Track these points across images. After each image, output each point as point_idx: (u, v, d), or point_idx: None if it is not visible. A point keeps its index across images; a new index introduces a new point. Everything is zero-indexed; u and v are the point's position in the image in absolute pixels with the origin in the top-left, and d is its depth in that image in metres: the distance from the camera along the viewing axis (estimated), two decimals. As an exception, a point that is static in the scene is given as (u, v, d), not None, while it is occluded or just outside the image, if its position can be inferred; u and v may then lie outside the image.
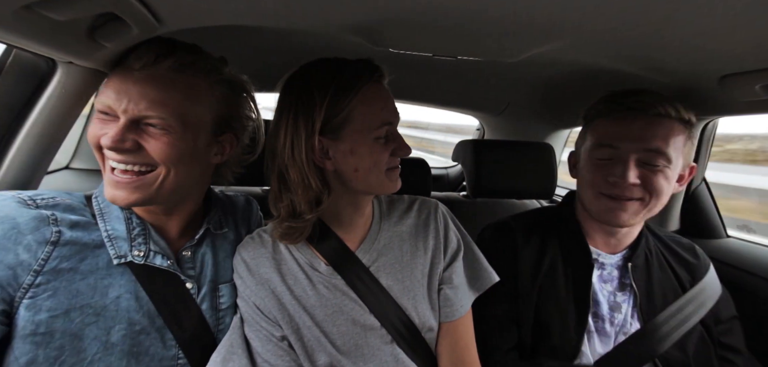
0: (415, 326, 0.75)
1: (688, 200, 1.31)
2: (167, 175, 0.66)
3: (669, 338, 0.82)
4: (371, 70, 0.70)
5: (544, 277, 0.88)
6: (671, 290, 0.87)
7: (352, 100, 0.67)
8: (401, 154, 0.73)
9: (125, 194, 0.64)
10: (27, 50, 0.64)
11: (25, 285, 0.58)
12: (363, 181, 0.70)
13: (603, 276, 0.88)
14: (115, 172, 0.64)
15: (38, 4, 0.51)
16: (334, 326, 0.72)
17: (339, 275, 0.74)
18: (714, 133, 1.26)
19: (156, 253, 0.69)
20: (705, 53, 0.76)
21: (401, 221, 0.82)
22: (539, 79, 1.24)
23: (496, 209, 1.51)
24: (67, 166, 1.30)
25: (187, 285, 0.71)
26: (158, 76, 0.64)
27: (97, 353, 0.62)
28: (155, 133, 0.64)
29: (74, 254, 0.63)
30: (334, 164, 0.69)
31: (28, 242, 0.59)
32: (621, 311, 0.85)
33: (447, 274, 0.80)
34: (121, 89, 0.63)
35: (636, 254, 0.88)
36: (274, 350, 0.70)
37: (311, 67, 0.70)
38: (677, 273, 0.90)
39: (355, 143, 0.68)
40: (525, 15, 0.67)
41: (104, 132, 0.63)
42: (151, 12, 0.62)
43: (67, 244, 0.62)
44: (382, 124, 0.69)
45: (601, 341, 0.85)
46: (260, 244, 0.76)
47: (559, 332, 0.83)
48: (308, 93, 0.66)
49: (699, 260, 0.93)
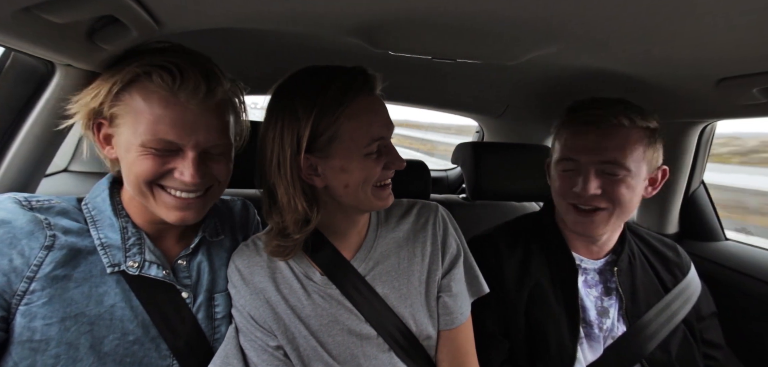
0: (413, 335, 0.74)
1: (687, 203, 1.31)
2: (220, 190, 0.72)
3: (655, 337, 0.83)
4: (361, 81, 0.66)
5: (532, 286, 0.88)
6: (654, 291, 0.88)
7: (339, 117, 0.63)
8: (394, 168, 0.70)
9: (195, 214, 0.68)
10: (26, 53, 0.64)
11: (20, 292, 0.58)
12: (353, 197, 0.68)
13: (588, 282, 0.89)
14: (179, 196, 0.65)
15: (37, 6, 0.51)
16: (330, 336, 0.71)
17: (334, 284, 0.73)
18: (712, 137, 1.27)
19: (151, 263, 0.68)
20: (702, 57, 0.76)
21: (399, 225, 0.81)
22: (538, 81, 1.24)
23: (496, 211, 1.51)
24: (65, 169, 1.29)
25: (183, 294, 0.71)
26: (214, 104, 0.65)
27: (92, 363, 0.61)
28: (218, 157, 0.68)
29: (68, 261, 0.62)
30: (324, 180, 0.67)
31: (21, 247, 0.59)
32: (609, 315, 0.86)
33: (446, 281, 0.79)
34: (184, 123, 0.62)
35: (620, 258, 0.88)
36: (269, 360, 0.69)
37: (298, 79, 0.67)
38: (659, 274, 0.91)
39: (344, 160, 0.65)
40: (524, 18, 0.67)
41: (170, 166, 0.63)
42: (150, 15, 0.62)
43: (62, 249, 0.62)
44: (372, 140, 0.66)
45: (591, 346, 0.85)
46: (255, 252, 0.75)
47: (555, 340, 0.83)
48: (293, 108, 0.64)
49: (680, 258, 0.94)
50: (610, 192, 0.80)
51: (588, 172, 0.80)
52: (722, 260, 1.21)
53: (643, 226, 1.38)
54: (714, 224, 1.31)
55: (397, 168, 0.70)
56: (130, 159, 0.63)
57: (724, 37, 0.66)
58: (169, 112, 0.61)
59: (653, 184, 0.86)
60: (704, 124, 1.20)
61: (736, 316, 1.16)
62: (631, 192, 0.80)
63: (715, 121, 1.20)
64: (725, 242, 1.30)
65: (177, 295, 0.70)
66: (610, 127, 0.79)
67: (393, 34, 0.79)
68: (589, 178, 0.80)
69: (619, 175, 0.79)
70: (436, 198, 1.53)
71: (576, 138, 0.83)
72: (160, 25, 0.66)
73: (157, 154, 0.62)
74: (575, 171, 0.83)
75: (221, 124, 0.67)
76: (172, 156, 0.63)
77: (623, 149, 0.78)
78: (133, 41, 0.66)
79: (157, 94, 0.61)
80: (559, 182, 0.87)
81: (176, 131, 0.61)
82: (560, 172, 0.87)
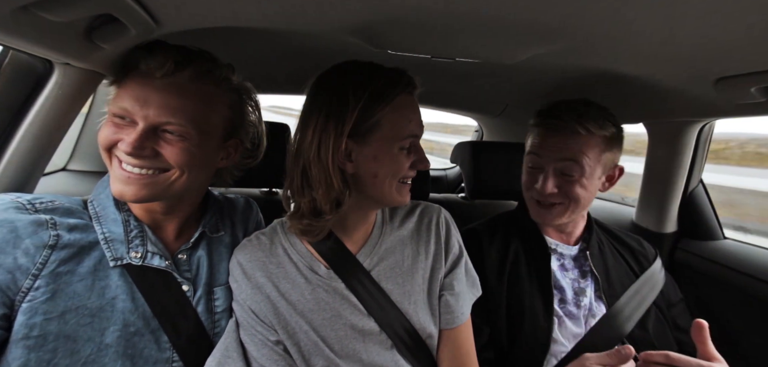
0: (417, 332, 0.75)
1: (685, 202, 1.31)
2: (179, 178, 0.67)
3: (632, 318, 0.91)
4: (406, 81, 0.70)
5: (510, 272, 0.95)
6: (625, 275, 0.97)
7: (384, 108, 0.67)
8: (420, 167, 0.73)
9: (134, 190, 0.65)
10: (24, 51, 0.64)
11: (24, 289, 0.58)
12: (378, 188, 0.70)
13: (564, 266, 0.97)
14: (125, 169, 0.65)
15: (35, 5, 0.51)
16: (332, 330, 0.71)
17: (339, 278, 0.74)
18: (710, 136, 1.27)
19: (153, 254, 0.69)
20: (701, 56, 0.76)
21: (403, 224, 0.82)
22: (537, 81, 1.24)
23: (495, 210, 1.51)
24: (64, 167, 1.29)
25: (183, 287, 0.71)
26: (178, 84, 0.65)
27: (90, 354, 0.62)
28: (172, 139, 0.65)
29: (72, 257, 0.63)
30: (355, 168, 0.69)
31: (26, 246, 0.59)
32: (586, 295, 0.93)
33: (448, 280, 0.80)
34: (141, 95, 0.63)
35: (591, 243, 0.98)
36: (269, 355, 0.70)
37: (346, 70, 0.71)
38: (628, 261, 1.01)
39: (379, 150, 0.68)
40: (523, 18, 0.67)
41: (119, 137, 0.64)
42: (148, 13, 0.62)
43: (65, 247, 0.62)
44: (409, 135, 0.70)
45: (573, 323, 0.90)
46: (257, 247, 0.76)
47: (530, 321, 0.89)
48: (342, 95, 0.67)
49: (645, 249, 1.04)
50: (566, 190, 0.91)
51: (547, 171, 0.92)
52: (721, 258, 1.21)
53: (642, 225, 1.39)
54: (713, 223, 1.31)
55: (421, 168, 0.73)
56: (101, 128, 0.67)
57: (722, 37, 0.66)
58: (135, 85, 0.65)
59: (610, 180, 0.97)
60: (703, 123, 1.20)
61: (734, 314, 1.16)
62: (585, 190, 0.91)
63: (713, 120, 1.21)
64: (724, 240, 1.30)
65: (178, 288, 0.70)
66: (569, 133, 0.90)
67: (392, 33, 0.79)
68: (547, 177, 0.91)
69: (574, 176, 0.90)
70: (434, 197, 1.53)
71: (541, 138, 0.94)
72: (159, 24, 0.66)
73: (116, 123, 0.65)
74: (538, 169, 0.95)
75: (181, 104, 0.65)
76: (127, 127, 0.64)
77: (579, 154, 0.89)
78: (131, 40, 0.66)
79: (137, 71, 0.66)
80: (525, 177, 1.00)
81: (131, 102, 0.63)
82: (527, 167, 0.99)
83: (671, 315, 0.97)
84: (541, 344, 0.87)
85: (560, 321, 0.90)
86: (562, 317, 0.90)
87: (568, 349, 0.87)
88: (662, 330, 0.93)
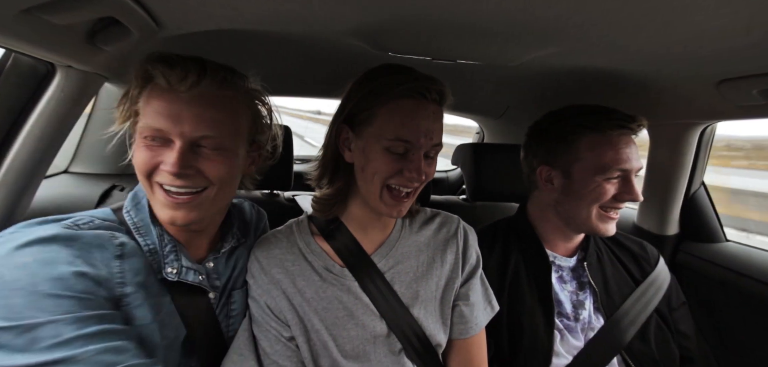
0: (427, 338, 0.74)
1: (687, 204, 1.31)
2: (217, 193, 0.66)
3: (632, 327, 0.88)
4: (418, 87, 0.68)
5: (510, 284, 0.93)
6: (625, 283, 0.95)
7: (376, 106, 0.69)
8: (408, 176, 0.69)
9: (184, 214, 0.63)
10: (26, 54, 0.64)
11: (118, 295, 0.57)
12: (366, 185, 0.72)
13: (563, 278, 0.95)
14: (171, 194, 0.63)
15: (38, 8, 0.51)
16: (344, 330, 0.72)
17: (353, 276, 0.74)
18: (712, 138, 1.27)
19: (188, 269, 0.67)
20: (703, 58, 0.76)
21: (421, 231, 0.82)
22: (538, 82, 1.24)
23: (496, 212, 1.51)
24: (65, 170, 1.29)
25: (210, 295, 0.71)
26: (205, 94, 0.63)
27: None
28: (209, 154, 0.63)
29: (142, 270, 0.62)
30: (352, 157, 0.74)
31: (104, 258, 0.58)
32: (585, 307, 0.91)
33: (464, 290, 0.80)
34: (172, 112, 0.60)
35: (588, 253, 0.96)
36: (282, 351, 0.70)
37: (371, 70, 0.74)
38: (628, 268, 0.98)
39: (367, 144, 0.70)
40: (524, 19, 0.67)
41: (159, 159, 0.61)
42: (151, 16, 0.63)
43: (132, 255, 0.61)
44: (395, 137, 0.68)
45: (572, 339, 0.89)
46: (275, 244, 0.77)
47: (530, 334, 0.87)
48: (352, 88, 0.74)
49: (647, 253, 1.01)
50: None
51: None
52: (723, 261, 1.20)
53: (643, 227, 1.39)
54: (715, 225, 1.31)
55: (411, 180, 0.69)
56: (134, 152, 0.64)
57: (724, 39, 0.66)
58: (162, 102, 0.61)
59: None
60: (704, 125, 1.20)
61: (735, 317, 1.16)
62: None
63: (715, 123, 1.20)
64: (726, 243, 1.30)
65: (205, 296, 0.70)
66: None
67: (393, 36, 0.79)
68: None
69: None
70: (436, 200, 1.53)
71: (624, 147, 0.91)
72: (161, 27, 0.66)
73: (150, 146, 0.62)
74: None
75: (214, 115, 0.63)
76: (163, 147, 0.62)
77: None
78: (133, 43, 0.67)
79: (157, 86, 0.62)
80: (600, 191, 0.94)
81: (163, 120, 0.60)
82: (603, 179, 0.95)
83: (673, 320, 0.95)
84: (543, 358, 0.86)
85: (562, 335, 0.88)
86: (563, 330, 0.89)
87: (570, 362, 0.86)
88: (664, 339, 0.91)
